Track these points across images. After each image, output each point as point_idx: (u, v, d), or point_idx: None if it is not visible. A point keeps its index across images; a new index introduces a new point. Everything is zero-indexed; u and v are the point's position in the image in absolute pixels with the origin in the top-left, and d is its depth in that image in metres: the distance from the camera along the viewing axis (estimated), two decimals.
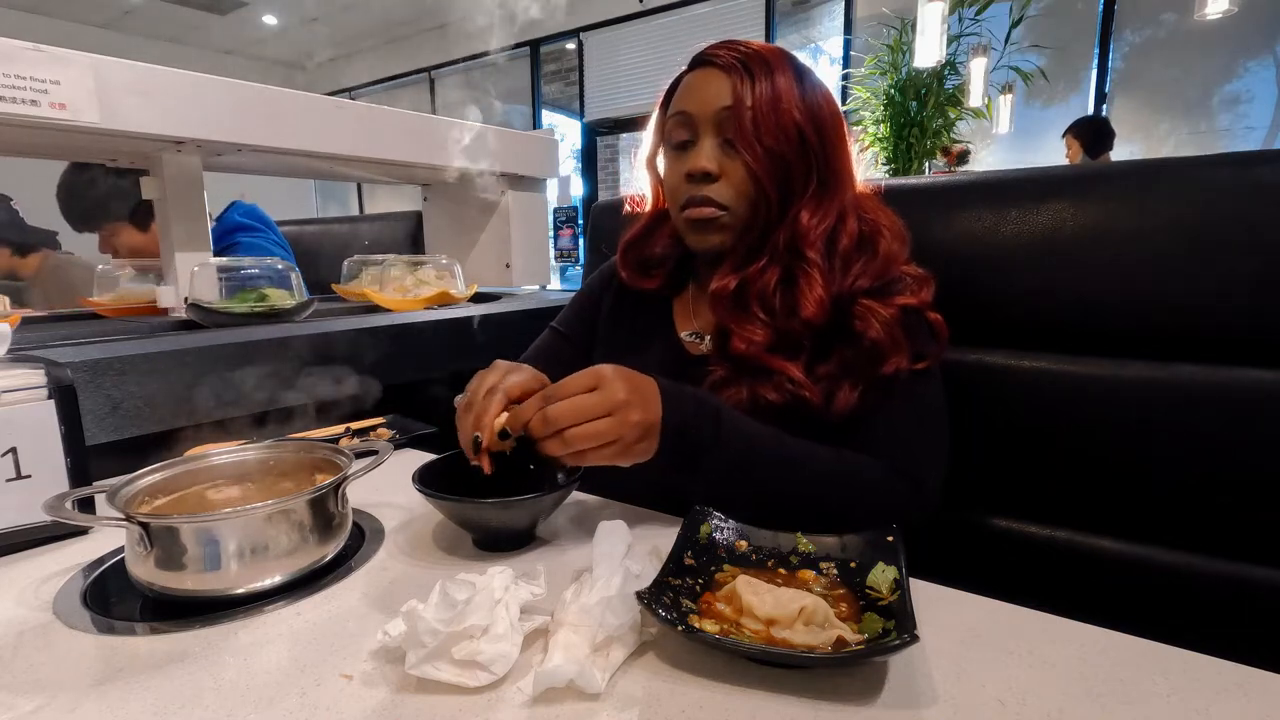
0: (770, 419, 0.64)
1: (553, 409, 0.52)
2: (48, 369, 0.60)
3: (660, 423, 0.56)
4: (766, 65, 0.68)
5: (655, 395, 0.56)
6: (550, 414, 0.52)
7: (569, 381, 0.55)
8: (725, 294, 0.70)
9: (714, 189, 0.70)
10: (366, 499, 0.69)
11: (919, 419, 0.67)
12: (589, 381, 0.54)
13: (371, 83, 7.36)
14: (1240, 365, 0.67)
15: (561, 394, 0.54)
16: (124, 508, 0.50)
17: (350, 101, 1.33)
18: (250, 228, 1.79)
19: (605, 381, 0.54)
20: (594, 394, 0.53)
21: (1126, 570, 0.72)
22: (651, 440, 0.55)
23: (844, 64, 4.65)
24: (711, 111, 0.69)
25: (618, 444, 0.53)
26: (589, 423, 0.52)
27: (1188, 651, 0.42)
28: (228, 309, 1.15)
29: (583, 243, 5.48)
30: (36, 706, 0.39)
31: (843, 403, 0.65)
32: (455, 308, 1.38)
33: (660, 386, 0.57)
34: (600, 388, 0.54)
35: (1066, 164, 3.64)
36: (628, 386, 0.54)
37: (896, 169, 3.81)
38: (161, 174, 1.17)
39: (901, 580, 0.46)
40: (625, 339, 0.84)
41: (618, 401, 0.53)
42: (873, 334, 0.65)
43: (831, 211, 0.69)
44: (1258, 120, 3.88)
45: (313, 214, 7.03)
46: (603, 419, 0.53)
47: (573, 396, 0.53)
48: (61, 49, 0.91)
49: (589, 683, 0.38)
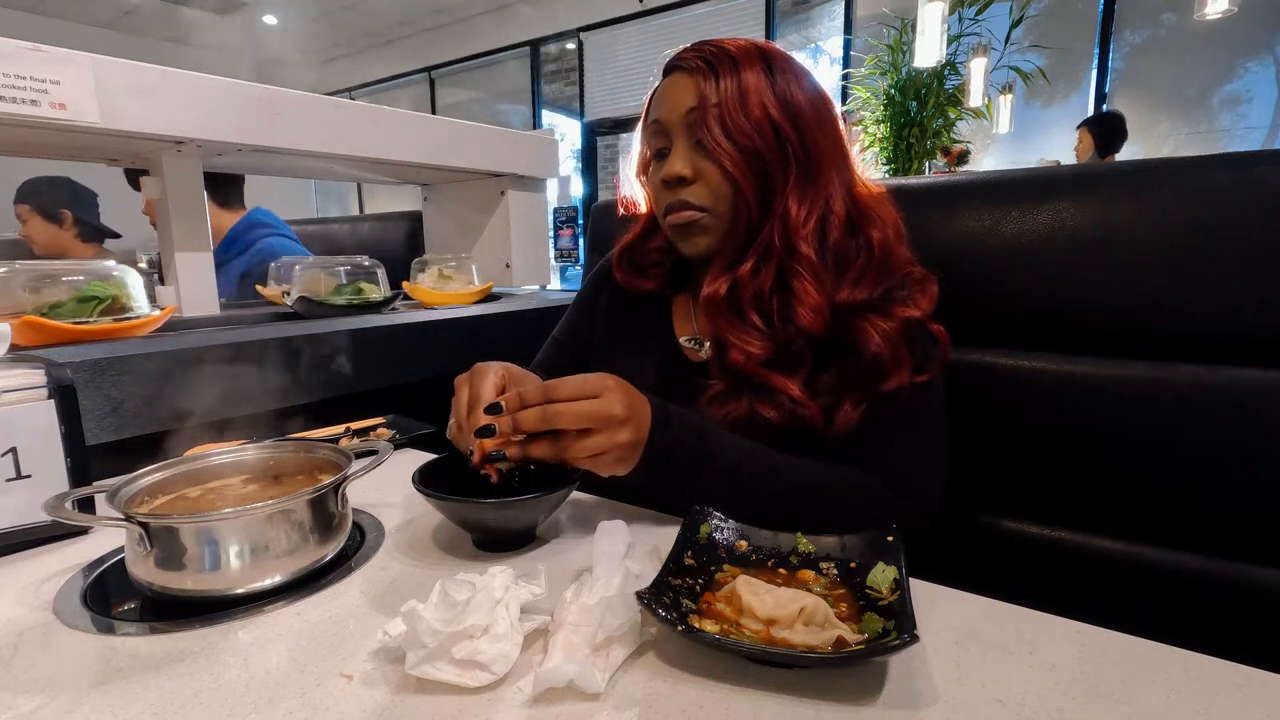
0: (770, 435, 0.64)
1: (553, 408, 0.53)
2: (48, 369, 0.60)
3: (644, 444, 0.57)
4: (732, 62, 0.67)
5: (647, 417, 0.57)
6: (549, 411, 0.53)
7: (572, 382, 0.55)
8: (718, 300, 0.69)
9: (690, 192, 0.69)
10: (366, 499, 0.69)
11: (920, 434, 0.66)
12: (592, 389, 0.55)
13: (371, 83, 7.37)
14: (1240, 365, 0.67)
15: (563, 393, 0.54)
16: (124, 508, 0.50)
17: (350, 101, 1.33)
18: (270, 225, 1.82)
19: (607, 393, 0.55)
20: (594, 403, 0.54)
21: (1126, 570, 0.72)
22: (632, 459, 0.57)
23: (844, 64, 4.65)
24: (680, 115, 0.69)
25: (601, 458, 0.55)
26: (581, 433, 0.54)
27: (1188, 651, 0.42)
28: (329, 301, 1.27)
29: (583, 243, 5.48)
30: (36, 706, 0.39)
31: (844, 422, 0.65)
32: (455, 308, 1.38)
33: (652, 409, 0.58)
34: (601, 397, 0.54)
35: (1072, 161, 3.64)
36: (626, 404, 0.55)
37: (896, 169, 3.81)
38: (161, 174, 1.17)
39: (901, 580, 0.46)
40: (623, 343, 0.84)
41: (614, 417, 0.54)
42: (874, 348, 0.64)
43: (819, 199, 0.68)
44: (1258, 120, 3.88)
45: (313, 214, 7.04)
46: (595, 434, 0.54)
47: (574, 401, 0.54)
48: (61, 49, 0.91)
49: (589, 683, 0.38)
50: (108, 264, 1.00)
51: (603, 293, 0.88)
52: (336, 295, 1.30)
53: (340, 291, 1.32)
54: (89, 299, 0.95)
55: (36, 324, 0.87)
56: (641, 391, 0.58)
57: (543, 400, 0.54)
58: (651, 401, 0.58)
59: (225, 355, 0.87)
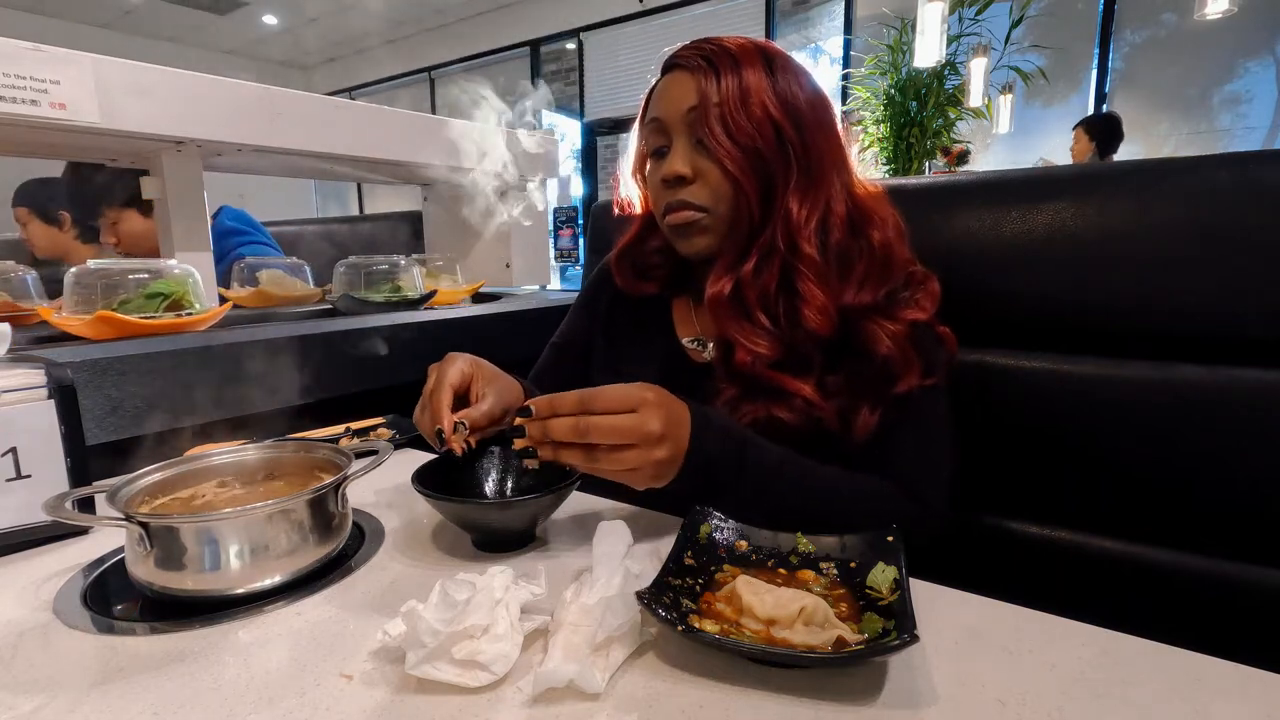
0: (786, 438, 0.63)
1: (589, 421, 0.51)
2: (48, 369, 0.60)
3: (684, 458, 0.54)
4: (733, 60, 0.67)
5: (686, 430, 0.54)
6: (584, 424, 0.51)
7: (610, 393, 0.52)
8: (722, 299, 0.68)
9: (690, 191, 0.69)
10: (366, 499, 0.69)
11: (927, 439, 0.66)
12: (629, 403, 0.52)
13: (371, 83, 7.37)
14: (1240, 365, 0.67)
15: (601, 405, 0.52)
16: (124, 508, 0.50)
17: (350, 101, 1.33)
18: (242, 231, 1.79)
19: (646, 407, 0.52)
20: (630, 417, 0.51)
21: (1126, 570, 0.72)
22: (669, 474, 0.54)
23: (844, 64, 4.66)
24: (680, 114, 0.68)
25: (635, 473, 0.53)
26: (616, 447, 0.51)
27: (1188, 651, 0.42)
28: (367, 298, 1.32)
29: (583, 243, 5.48)
30: (36, 706, 0.39)
31: (863, 428, 0.64)
32: (456, 308, 1.39)
33: (692, 418, 0.55)
34: (639, 411, 0.52)
35: (1069, 162, 3.64)
36: (664, 419, 0.52)
37: (896, 169, 3.81)
38: (161, 174, 1.16)
39: (901, 580, 0.46)
40: (625, 346, 0.83)
41: (651, 434, 0.51)
42: (884, 350, 0.63)
43: (820, 199, 0.68)
44: (1258, 120, 3.88)
45: (313, 214, 7.04)
46: (630, 450, 0.51)
47: (611, 415, 0.51)
48: (61, 49, 0.91)
49: (589, 683, 0.38)
50: (170, 262, 1.06)
51: (602, 296, 0.88)
52: (375, 292, 1.35)
53: (379, 289, 1.36)
54: (155, 295, 1.01)
55: (110, 319, 0.92)
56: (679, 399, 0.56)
57: (578, 411, 0.52)
58: (691, 410, 0.56)
59: (224, 355, 0.87)
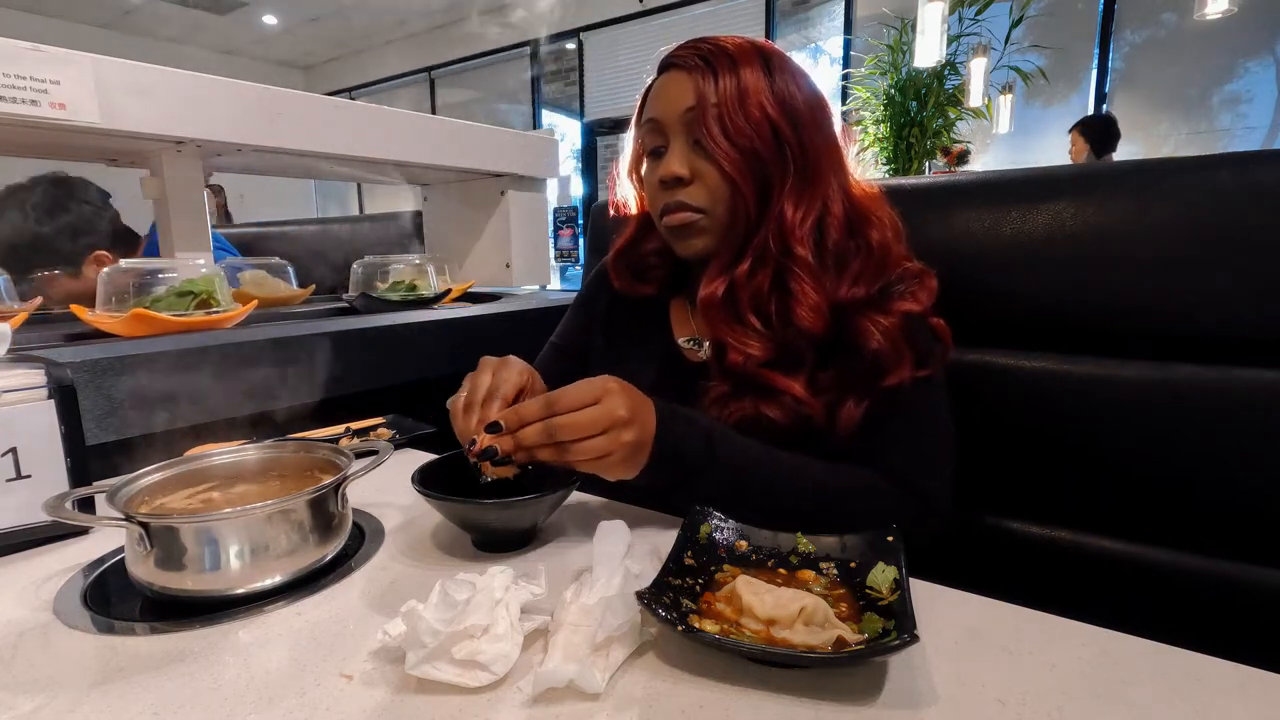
0: (774, 436, 0.63)
1: (556, 422, 0.53)
2: (48, 369, 0.60)
3: (651, 444, 0.56)
4: (731, 60, 0.66)
5: (651, 417, 0.57)
6: (552, 426, 0.53)
7: (573, 392, 0.55)
8: (715, 301, 0.68)
9: (687, 192, 0.69)
10: (366, 499, 0.69)
11: (923, 431, 0.66)
12: (592, 395, 0.54)
13: (371, 83, 7.37)
14: (1240, 365, 0.67)
15: (565, 404, 0.54)
16: (124, 508, 0.49)
17: (350, 101, 1.33)
18: None
19: (608, 396, 0.54)
20: (595, 409, 0.54)
21: (1126, 570, 0.72)
22: (638, 460, 0.56)
23: (844, 64, 4.66)
24: (677, 114, 0.68)
25: (606, 459, 0.54)
26: (587, 439, 0.53)
27: (1188, 651, 0.42)
28: (384, 296, 1.35)
29: (583, 243, 5.48)
30: (36, 706, 0.39)
31: (847, 420, 0.64)
32: (456, 308, 1.38)
33: (656, 409, 0.57)
34: (602, 401, 0.54)
35: (1068, 163, 3.64)
36: (629, 405, 0.55)
37: (896, 169, 3.81)
38: (161, 174, 1.17)
39: (901, 580, 0.46)
40: (622, 345, 0.83)
41: (617, 419, 0.54)
42: (874, 344, 0.63)
43: (815, 201, 0.67)
44: (1258, 120, 3.88)
45: (313, 214, 7.05)
46: (599, 436, 0.53)
47: (576, 411, 0.54)
48: (61, 49, 0.91)
49: (589, 683, 0.38)
50: (199, 262, 1.08)
51: (601, 296, 0.88)
52: (392, 291, 1.37)
53: (395, 288, 1.39)
54: (185, 294, 1.03)
55: (144, 316, 0.95)
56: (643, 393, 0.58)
57: (544, 414, 0.54)
58: (655, 402, 0.58)
59: (224, 356, 0.87)
